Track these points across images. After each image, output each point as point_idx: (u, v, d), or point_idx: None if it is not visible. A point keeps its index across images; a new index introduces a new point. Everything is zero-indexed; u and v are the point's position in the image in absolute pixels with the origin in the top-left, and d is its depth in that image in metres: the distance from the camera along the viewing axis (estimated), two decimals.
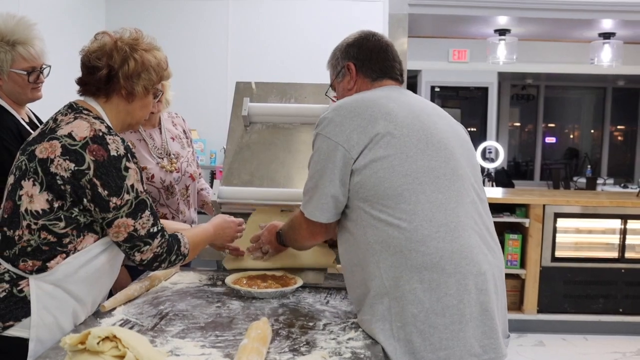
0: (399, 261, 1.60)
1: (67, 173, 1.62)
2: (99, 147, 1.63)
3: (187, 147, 2.75)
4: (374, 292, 1.64)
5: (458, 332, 1.59)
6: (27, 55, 2.23)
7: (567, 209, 4.67)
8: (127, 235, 1.70)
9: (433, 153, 1.69)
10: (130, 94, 1.78)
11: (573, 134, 12.77)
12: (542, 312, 4.67)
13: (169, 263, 1.82)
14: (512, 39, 6.31)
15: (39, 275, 1.65)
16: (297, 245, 2.06)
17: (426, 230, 1.61)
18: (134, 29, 1.85)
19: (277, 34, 5.14)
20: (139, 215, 1.70)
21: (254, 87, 2.64)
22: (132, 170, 1.68)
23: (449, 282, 1.59)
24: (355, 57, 1.91)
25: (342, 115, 1.71)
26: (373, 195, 1.64)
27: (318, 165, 1.72)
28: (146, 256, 1.75)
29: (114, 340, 1.26)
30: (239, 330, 1.70)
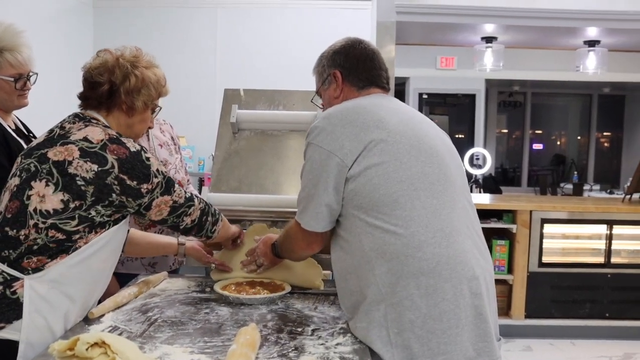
0: (395, 267, 1.60)
1: (90, 174, 1.68)
2: (118, 147, 1.74)
3: (175, 154, 2.75)
4: (370, 300, 1.63)
5: (455, 336, 1.60)
6: (14, 61, 2.23)
7: (554, 215, 4.70)
8: (170, 208, 1.85)
9: (426, 159, 1.70)
10: (131, 108, 1.86)
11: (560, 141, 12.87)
12: (530, 317, 4.69)
13: (212, 216, 2.00)
14: (499, 47, 6.37)
15: (35, 275, 1.66)
16: (293, 256, 2.05)
17: (422, 236, 1.61)
18: (134, 47, 1.93)
19: (265, 42, 5.15)
20: (172, 190, 1.84)
21: (243, 94, 2.65)
22: (153, 158, 1.80)
23: (445, 287, 1.60)
24: (341, 65, 1.91)
25: (334, 123, 1.71)
26: (368, 203, 1.64)
27: (311, 174, 1.72)
28: (195, 215, 1.93)
29: (103, 346, 1.26)
30: (228, 336, 1.71)
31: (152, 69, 1.91)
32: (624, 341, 4.61)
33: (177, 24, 5.21)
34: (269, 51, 5.11)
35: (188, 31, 5.20)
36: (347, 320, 1.80)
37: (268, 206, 2.36)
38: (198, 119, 4.99)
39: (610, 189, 9.10)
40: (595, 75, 6.62)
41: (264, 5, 5.32)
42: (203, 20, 5.22)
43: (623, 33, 5.90)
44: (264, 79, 4.60)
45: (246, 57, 5.14)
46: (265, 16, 5.20)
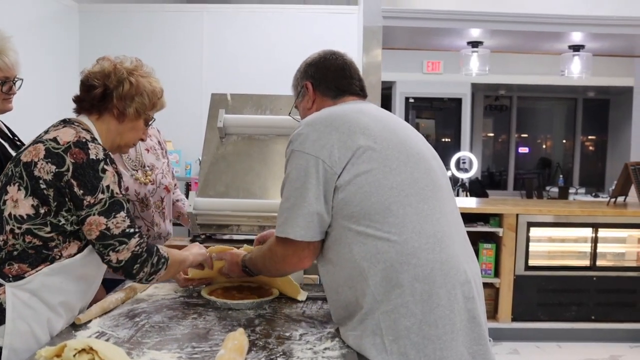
0: (390, 275, 1.59)
1: (49, 176, 1.66)
2: (79, 151, 1.68)
3: (162, 159, 2.74)
4: (365, 309, 1.61)
5: (451, 341, 1.59)
6: (1, 65, 2.22)
7: (540, 218, 4.74)
8: (99, 233, 1.69)
9: (414, 165, 1.70)
10: (122, 114, 1.86)
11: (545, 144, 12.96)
12: (516, 320, 4.71)
13: (151, 266, 1.77)
14: (485, 51, 6.40)
15: (16, 283, 1.66)
16: (279, 274, 1.99)
17: (416, 242, 1.60)
18: (135, 58, 1.94)
19: (251, 46, 5.15)
20: (112, 215, 1.69)
21: (230, 98, 2.65)
22: (109, 172, 1.71)
23: (440, 293, 1.59)
24: (312, 76, 1.92)
25: (319, 130, 1.68)
26: (359, 211, 1.62)
27: (297, 182, 1.66)
28: (123, 256, 1.71)
29: (91, 352, 1.26)
30: (216, 342, 1.70)
31: (148, 78, 1.91)
32: (609, 343, 4.65)
33: (163, 29, 5.20)
34: (256, 56, 5.11)
35: (174, 36, 5.20)
36: (337, 328, 1.79)
37: (255, 211, 2.36)
38: (185, 123, 4.98)
39: (595, 192, 9.18)
40: (580, 80, 6.67)
41: (250, 9, 5.32)
42: (189, 25, 5.22)
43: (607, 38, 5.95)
44: (251, 83, 4.61)
45: (233, 61, 5.14)
46: (251, 21, 5.20)
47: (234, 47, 5.16)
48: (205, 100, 4.74)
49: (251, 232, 2.44)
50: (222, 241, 2.50)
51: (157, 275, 1.81)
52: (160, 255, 1.80)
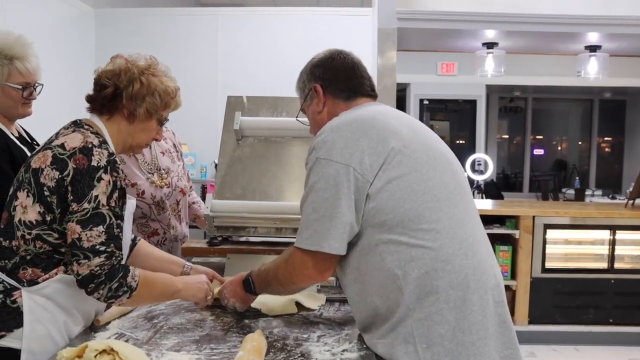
0: (424, 283, 1.55)
1: (52, 182, 1.65)
2: (83, 157, 1.66)
3: (177, 161, 2.74)
4: (396, 317, 1.56)
5: (483, 347, 1.57)
6: (23, 70, 2.25)
7: (557, 220, 4.70)
8: (71, 241, 1.63)
9: (442, 168, 1.67)
10: (132, 114, 1.82)
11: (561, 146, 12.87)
12: (533, 323, 4.68)
13: (109, 290, 1.65)
14: (500, 52, 6.37)
15: (31, 288, 1.67)
16: (290, 289, 1.81)
17: (450, 248, 1.57)
18: (149, 56, 1.89)
19: (266, 49, 5.17)
20: (89, 227, 1.63)
21: (246, 101, 2.65)
22: (104, 181, 1.66)
23: (473, 298, 1.57)
24: (321, 77, 1.83)
25: (346, 137, 1.61)
26: (392, 219, 1.56)
27: (327, 192, 1.58)
28: (82, 271, 1.62)
29: (111, 353, 1.26)
30: (234, 343, 1.71)
31: (160, 77, 1.86)
32: (628, 347, 4.60)
33: (178, 32, 5.23)
34: (270, 58, 5.13)
35: (189, 39, 5.23)
36: (357, 331, 1.76)
37: (272, 213, 2.36)
38: (200, 126, 5.01)
39: (612, 194, 9.09)
40: (597, 81, 6.62)
41: (265, 12, 5.34)
42: (204, 28, 5.24)
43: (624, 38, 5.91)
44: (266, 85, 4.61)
45: (247, 64, 5.16)
46: (266, 23, 5.22)
47: (248, 50, 5.18)
48: (220, 103, 4.78)
49: (268, 234, 2.44)
50: (239, 243, 2.50)
51: (117, 300, 1.69)
52: (123, 283, 1.67)
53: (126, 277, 1.68)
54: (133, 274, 1.71)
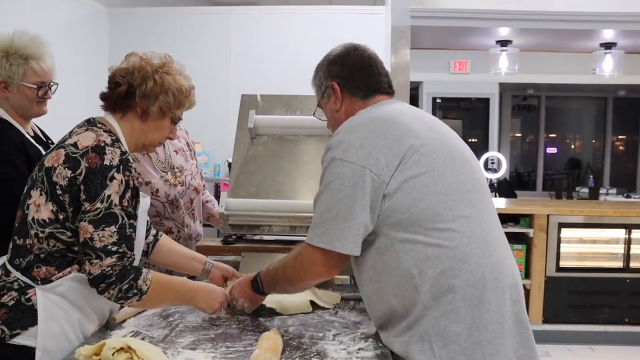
0: (440, 281, 1.54)
1: (65, 181, 1.64)
2: (95, 156, 1.65)
3: (190, 160, 2.74)
4: (413, 316, 1.56)
5: (500, 346, 1.56)
6: (38, 69, 2.27)
7: (571, 219, 4.67)
8: (83, 240, 1.63)
9: (459, 167, 1.65)
10: (145, 113, 1.80)
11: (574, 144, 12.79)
12: (547, 322, 4.65)
13: (119, 291, 1.64)
14: (514, 50, 6.33)
15: (45, 286, 1.67)
16: (298, 286, 1.79)
17: (467, 247, 1.56)
18: (164, 54, 1.88)
19: (279, 48, 5.16)
20: (101, 227, 1.63)
21: (260, 99, 2.65)
22: (116, 181, 1.65)
23: (490, 297, 1.56)
24: (338, 75, 1.81)
25: (362, 137, 1.60)
26: (408, 219, 1.56)
27: (341, 193, 1.57)
28: (94, 270, 1.62)
29: (129, 351, 1.26)
30: (249, 342, 1.71)
31: (175, 76, 1.84)
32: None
33: (191, 31, 5.23)
34: (283, 57, 5.12)
35: (202, 38, 5.23)
36: (373, 330, 1.76)
37: (286, 211, 2.36)
38: (213, 125, 5.01)
39: (627, 193, 9.01)
40: (612, 78, 6.57)
41: (277, 11, 5.34)
42: (217, 27, 5.25)
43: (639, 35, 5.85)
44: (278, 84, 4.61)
45: (260, 63, 5.15)
46: (278, 22, 5.21)
47: (261, 48, 5.18)
48: (232, 101, 4.78)
49: (282, 233, 2.44)
50: (253, 241, 2.50)
51: (127, 301, 1.69)
52: (133, 285, 1.66)
53: (137, 279, 1.67)
54: (145, 277, 1.70)
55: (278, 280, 1.80)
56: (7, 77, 2.24)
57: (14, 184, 2.12)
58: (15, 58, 2.24)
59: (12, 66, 2.24)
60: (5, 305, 1.66)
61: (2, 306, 1.66)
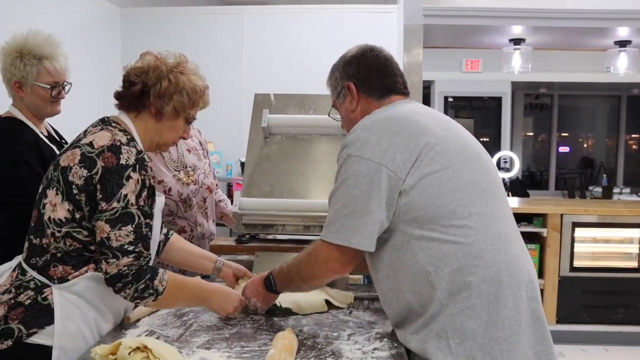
0: (456, 278, 1.55)
1: (81, 181, 1.65)
2: (111, 155, 1.65)
3: (203, 159, 2.75)
4: (429, 313, 1.56)
5: (517, 342, 1.56)
6: (52, 69, 2.28)
7: (585, 219, 4.63)
8: (100, 239, 1.64)
9: (474, 165, 1.66)
10: (159, 112, 1.81)
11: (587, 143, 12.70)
12: (561, 322, 4.61)
13: (135, 291, 1.66)
14: (527, 48, 6.29)
15: (62, 285, 1.68)
16: (312, 284, 1.80)
17: (482, 244, 1.57)
18: (179, 54, 1.88)
19: (291, 47, 5.15)
20: (118, 226, 1.63)
21: (273, 98, 2.65)
22: (132, 180, 1.66)
23: (506, 294, 1.56)
24: (354, 76, 1.82)
25: (378, 134, 1.61)
26: (423, 215, 1.56)
27: (357, 189, 1.58)
28: (111, 270, 1.63)
29: (145, 350, 1.26)
30: (264, 341, 1.71)
31: (189, 76, 1.84)
32: None
33: (204, 31, 5.23)
34: (295, 56, 5.11)
35: (214, 37, 5.23)
36: (388, 329, 1.76)
37: (300, 210, 2.35)
38: (225, 124, 5.01)
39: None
40: (627, 76, 6.51)
41: (289, 10, 5.33)
42: (229, 27, 5.25)
43: None
44: (291, 83, 4.61)
45: (272, 62, 5.15)
46: (290, 21, 5.20)
47: (273, 47, 5.17)
48: (245, 101, 4.78)
49: (296, 232, 2.44)
50: (267, 241, 2.50)
51: (143, 301, 1.70)
52: (149, 285, 1.67)
53: (153, 279, 1.68)
54: (161, 277, 1.71)
55: (291, 278, 1.80)
56: (21, 77, 2.26)
57: (29, 183, 2.13)
58: (29, 58, 2.25)
59: (26, 66, 2.25)
60: (22, 304, 1.67)
61: (19, 305, 1.67)
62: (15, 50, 2.26)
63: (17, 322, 1.65)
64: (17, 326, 1.65)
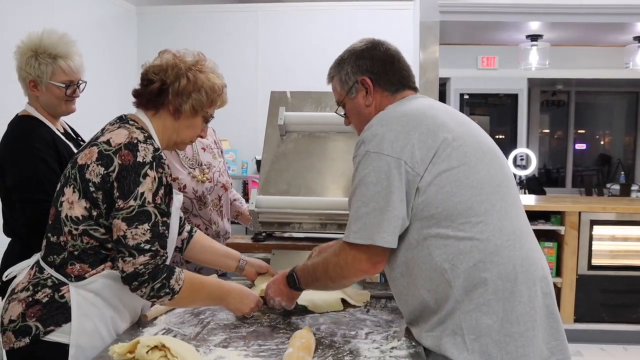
0: (472, 275, 1.54)
1: (98, 178, 1.64)
2: (128, 153, 1.65)
3: (218, 158, 2.75)
4: (445, 310, 1.56)
5: (532, 338, 1.56)
6: (66, 68, 2.29)
7: (604, 216, 4.58)
8: (116, 237, 1.64)
9: (489, 161, 1.65)
10: (177, 110, 1.80)
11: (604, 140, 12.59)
12: (579, 321, 4.57)
13: (151, 290, 1.65)
14: (544, 45, 6.24)
15: (79, 283, 1.68)
16: (341, 283, 1.77)
17: (498, 240, 1.57)
18: (197, 52, 1.87)
19: (306, 44, 5.14)
20: (134, 225, 1.63)
21: (289, 96, 2.64)
22: (149, 178, 1.65)
23: (521, 290, 1.56)
24: (369, 70, 1.77)
25: (396, 130, 1.60)
26: (441, 213, 1.55)
27: (378, 186, 1.56)
28: (127, 268, 1.63)
29: (163, 349, 1.26)
30: (281, 340, 1.70)
31: (208, 74, 1.83)
32: None
33: (219, 29, 5.24)
34: (311, 53, 5.09)
35: (230, 35, 5.23)
36: (406, 327, 1.75)
37: (316, 208, 2.35)
38: (241, 122, 5.01)
39: None
40: None
41: (304, 8, 5.32)
42: (245, 25, 5.25)
43: None
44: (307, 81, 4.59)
45: (288, 59, 5.14)
46: (305, 19, 5.19)
47: (289, 45, 5.16)
48: (260, 98, 4.78)
49: (312, 230, 2.43)
50: (283, 239, 2.49)
51: (159, 300, 1.69)
52: (166, 284, 1.67)
53: (170, 279, 1.68)
54: (178, 277, 1.70)
55: (317, 277, 1.77)
56: (36, 76, 2.27)
57: (46, 181, 2.14)
58: (43, 57, 2.26)
59: (40, 65, 2.26)
60: (40, 302, 1.67)
61: (36, 303, 1.67)
62: (30, 49, 2.27)
63: (34, 320, 1.66)
64: (35, 324, 1.65)
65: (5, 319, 1.70)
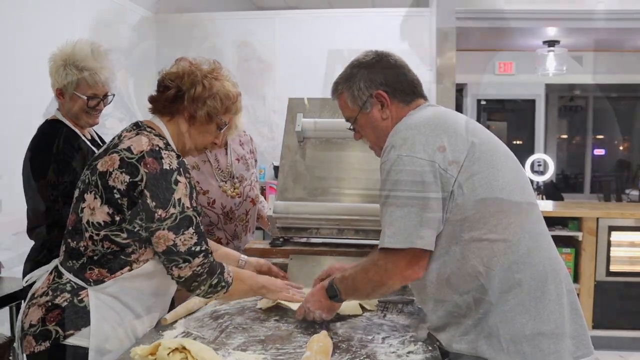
0: (507, 276, 1.57)
1: (123, 185, 1.66)
2: (153, 160, 1.67)
3: (251, 169, 2.76)
4: (479, 313, 1.58)
5: (562, 335, 1.59)
6: (91, 81, 2.33)
7: (622, 222, 4.56)
8: (166, 248, 1.69)
9: (512, 165, 1.69)
10: (192, 117, 1.83)
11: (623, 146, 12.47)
12: (597, 328, 4.54)
13: (210, 287, 1.76)
14: (562, 50, 6.22)
15: (97, 287, 1.71)
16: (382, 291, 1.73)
17: (528, 241, 1.60)
18: (213, 60, 1.91)
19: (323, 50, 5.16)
20: (181, 231, 1.69)
21: (307, 102, 2.66)
22: (181, 184, 1.69)
23: (550, 288, 1.59)
24: (384, 83, 1.76)
25: (426, 134, 1.60)
26: (474, 215, 1.57)
27: (415, 188, 1.56)
28: (184, 273, 1.72)
29: (183, 351, 1.28)
30: (299, 343, 1.72)
31: (223, 82, 1.86)
32: None
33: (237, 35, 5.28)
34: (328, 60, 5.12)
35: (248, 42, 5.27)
36: (433, 332, 1.72)
37: (334, 214, 2.36)
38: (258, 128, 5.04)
39: None
40: None
41: (322, 15, 5.35)
42: (262, 31, 5.28)
43: None
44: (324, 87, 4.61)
45: (305, 66, 5.16)
46: (323, 25, 5.22)
47: (306, 51, 5.19)
48: (277, 105, 4.81)
49: (330, 236, 2.45)
50: (301, 244, 2.51)
51: (215, 295, 1.82)
52: (221, 279, 1.79)
53: (223, 273, 1.80)
54: (228, 270, 1.83)
55: (357, 287, 1.75)
56: (62, 85, 2.32)
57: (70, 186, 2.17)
58: (70, 68, 2.31)
59: (67, 75, 2.32)
60: (59, 306, 1.70)
61: (56, 307, 1.70)
62: (61, 59, 2.33)
63: (54, 324, 1.69)
64: (55, 328, 1.69)
65: (25, 324, 1.74)
